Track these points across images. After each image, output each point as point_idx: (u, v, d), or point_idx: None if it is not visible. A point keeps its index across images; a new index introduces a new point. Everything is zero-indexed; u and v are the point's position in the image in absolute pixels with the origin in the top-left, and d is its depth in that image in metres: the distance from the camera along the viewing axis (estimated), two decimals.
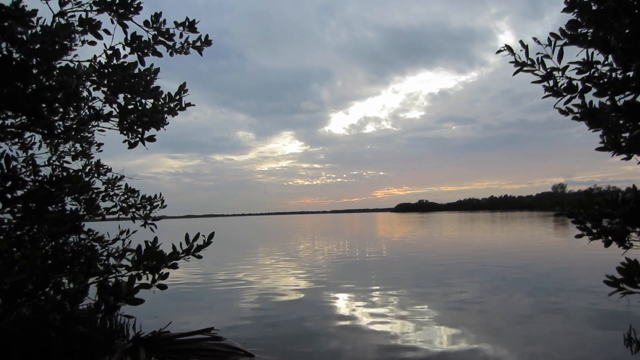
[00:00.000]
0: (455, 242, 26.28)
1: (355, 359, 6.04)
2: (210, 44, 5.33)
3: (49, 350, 5.17)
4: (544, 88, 4.31)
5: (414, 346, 6.47)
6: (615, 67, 3.82)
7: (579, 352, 6.03)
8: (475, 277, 12.93)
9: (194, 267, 16.54)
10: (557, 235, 29.99)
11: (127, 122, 4.94)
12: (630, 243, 4.15)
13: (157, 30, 4.95)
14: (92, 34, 4.65)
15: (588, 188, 5.13)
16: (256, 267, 17.11)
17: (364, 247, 24.62)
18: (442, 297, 10.00)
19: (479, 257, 17.90)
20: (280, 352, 6.34)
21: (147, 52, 4.96)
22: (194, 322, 8.11)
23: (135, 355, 5.82)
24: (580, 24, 3.86)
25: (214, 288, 12.52)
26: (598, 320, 7.62)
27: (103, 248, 5.97)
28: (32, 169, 5.17)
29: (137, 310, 4.75)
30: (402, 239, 30.96)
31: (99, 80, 4.79)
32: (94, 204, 5.84)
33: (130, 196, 6.21)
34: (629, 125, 3.98)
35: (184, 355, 6.12)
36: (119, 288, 3.78)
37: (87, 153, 6.39)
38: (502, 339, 6.71)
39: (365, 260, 18.20)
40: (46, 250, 5.12)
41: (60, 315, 3.32)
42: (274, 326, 7.94)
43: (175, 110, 5.29)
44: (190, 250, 4.87)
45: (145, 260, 4.56)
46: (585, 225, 4.38)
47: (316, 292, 11.37)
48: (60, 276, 4.93)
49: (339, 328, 7.67)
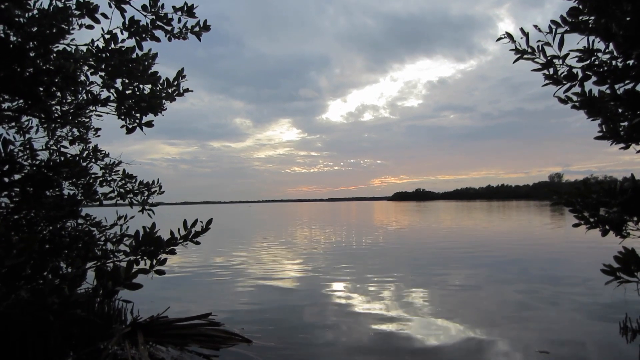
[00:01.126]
0: (451, 231, 26.36)
1: (352, 345, 6.08)
2: (208, 29, 5.29)
3: (48, 334, 5.20)
4: (544, 76, 4.30)
5: (410, 334, 6.51)
6: (616, 55, 3.81)
7: (575, 340, 6.08)
8: (471, 266, 12.99)
9: (191, 253, 16.58)
10: (554, 224, 30.11)
11: (124, 107, 4.93)
12: (628, 232, 4.17)
13: (155, 14, 4.91)
14: (90, 17, 4.61)
15: (585, 177, 5.12)
16: (254, 254, 17.15)
17: (361, 236, 24.69)
18: (438, 286, 10.05)
19: (475, 246, 17.97)
20: (277, 338, 6.38)
21: (145, 37, 4.92)
22: (191, 308, 8.14)
23: (134, 339, 5.85)
24: (581, 11, 3.84)
25: (211, 274, 12.56)
26: (594, 309, 7.67)
27: (101, 233, 5.98)
28: (29, 153, 5.16)
29: (135, 296, 4.77)
30: (399, 227, 31.04)
31: (97, 65, 4.77)
32: (92, 189, 5.83)
33: (127, 182, 6.21)
34: (628, 114, 3.98)
35: (182, 340, 6.15)
36: (118, 273, 3.79)
37: (84, 138, 6.37)
38: (497, 327, 6.75)
39: (363, 249, 18.25)
40: (44, 235, 5.13)
41: (58, 299, 3.33)
42: (271, 312, 7.98)
43: (173, 96, 5.27)
44: (189, 236, 4.88)
45: (143, 245, 4.56)
46: (582, 215, 4.40)
47: (313, 279, 11.41)
48: (58, 260, 4.94)
49: (336, 315, 7.71)
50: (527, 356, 5.53)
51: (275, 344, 6.15)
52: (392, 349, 5.93)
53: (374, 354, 5.76)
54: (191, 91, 5.42)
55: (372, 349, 5.94)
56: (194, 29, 5.21)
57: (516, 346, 5.90)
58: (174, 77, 5.23)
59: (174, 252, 4.76)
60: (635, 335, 6.18)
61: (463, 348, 5.90)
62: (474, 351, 5.76)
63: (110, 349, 5.57)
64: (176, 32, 5.12)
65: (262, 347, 6.04)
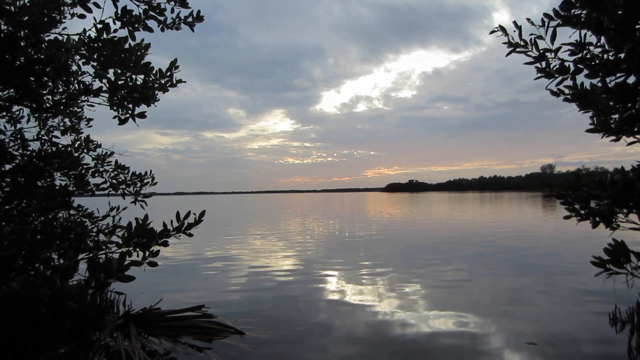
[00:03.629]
0: (444, 222, 26.47)
1: (345, 337, 6.11)
2: (202, 20, 5.26)
3: (39, 325, 5.19)
4: (536, 69, 4.33)
5: (403, 324, 6.55)
6: (607, 49, 3.84)
7: (564, 331, 6.14)
8: (463, 257, 13.06)
9: (184, 244, 16.55)
10: (545, 215, 30.31)
11: (117, 97, 4.90)
12: (618, 224, 4.22)
13: (148, 4, 4.87)
14: (82, 6, 4.57)
15: (577, 169, 5.15)
16: (246, 245, 17.15)
17: (355, 227, 24.74)
18: (431, 276, 10.11)
19: (468, 237, 18.06)
20: (270, 330, 6.39)
21: (137, 27, 4.89)
22: (184, 300, 8.14)
23: (126, 331, 5.84)
24: (574, 4, 3.86)
25: (204, 266, 12.55)
26: (584, 300, 7.75)
27: (93, 224, 5.96)
28: (20, 143, 5.13)
29: (128, 287, 4.77)
30: (392, 218, 31.14)
31: (89, 55, 4.73)
32: (84, 180, 5.81)
33: (120, 172, 6.19)
34: (619, 107, 4.01)
35: (174, 332, 6.15)
36: (110, 265, 3.79)
37: (76, 128, 6.33)
38: (489, 317, 6.81)
39: (356, 240, 18.30)
40: (35, 226, 5.11)
41: (50, 291, 3.33)
42: (264, 304, 8.00)
43: (166, 87, 5.24)
44: (181, 228, 4.89)
45: (135, 237, 4.57)
46: (573, 207, 4.45)
47: (306, 270, 11.44)
48: (50, 252, 4.93)
49: (330, 307, 7.74)
50: (515, 347, 5.58)
51: (269, 336, 6.16)
52: (385, 340, 5.97)
53: (368, 345, 5.80)
54: (184, 82, 5.39)
55: (365, 340, 5.97)
56: (187, 19, 5.18)
57: (505, 337, 5.95)
58: (167, 67, 5.20)
59: (167, 244, 4.77)
60: (624, 325, 6.25)
61: (452, 338, 5.95)
62: (463, 342, 5.81)
63: (102, 340, 5.57)
64: (169, 23, 5.10)
65: (255, 339, 6.05)
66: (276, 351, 5.66)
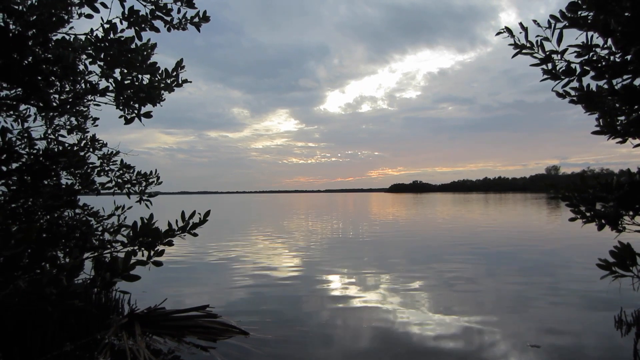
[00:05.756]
0: (448, 223, 26.41)
1: (349, 338, 6.11)
2: (208, 20, 5.28)
3: (45, 323, 5.22)
4: (542, 71, 4.32)
5: (407, 326, 6.55)
6: (614, 51, 3.83)
7: (570, 334, 6.12)
8: (468, 258, 13.03)
9: (188, 244, 16.58)
10: (550, 217, 30.20)
11: (123, 97, 4.92)
12: (624, 226, 4.20)
13: (155, 4, 4.89)
14: (89, 6, 4.58)
15: (582, 170, 5.15)
16: (250, 245, 17.17)
17: (358, 228, 24.71)
18: (435, 278, 10.09)
19: (472, 238, 18.01)
20: (274, 331, 6.40)
21: (144, 27, 4.91)
22: (188, 300, 8.17)
23: (131, 330, 5.87)
24: (580, 6, 3.85)
25: (208, 266, 12.57)
26: (590, 303, 7.72)
27: (98, 223, 5.99)
28: (27, 141, 5.15)
29: (133, 287, 4.78)
30: (396, 219, 31.09)
31: (96, 54, 4.75)
32: (89, 179, 5.84)
33: (125, 172, 6.21)
34: (625, 109, 4.00)
35: (179, 331, 6.17)
36: (116, 264, 3.80)
37: (82, 127, 6.36)
38: (493, 319, 6.79)
39: (360, 241, 18.29)
40: (41, 224, 5.14)
41: (56, 289, 3.34)
42: (268, 305, 8.01)
43: (172, 87, 5.26)
44: (186, 228, 4.90)
45: (140, 236, 4.58)
46: (579, 209, 4.43)
47: (310, 271, 11.44)
48: (56, 250, 4.95)
49: (333, 307, 7.74)
50: (518, 349, 5.57)
51: (273, 336, 6.17)
52: (389, 341, 5.97)
53: (372, 346, 5.80)
54: (190, 82, 5.41)
55: (369, 342, 5.97)
56: (193, 19, 5.19)
57: (508, 339, 5.94)
58: (172, 67, 5.21)
59: (172, 243, 4.78)
60: (630, 328, 6.23)
61: (454, 339, 5.94)
62: (466, 343, 5.80)
63: (107, 339, 5.60)
64: (175, 23, 5.11)
65: (260, 339, 6.06)
66: (280, 351, 5.66)
